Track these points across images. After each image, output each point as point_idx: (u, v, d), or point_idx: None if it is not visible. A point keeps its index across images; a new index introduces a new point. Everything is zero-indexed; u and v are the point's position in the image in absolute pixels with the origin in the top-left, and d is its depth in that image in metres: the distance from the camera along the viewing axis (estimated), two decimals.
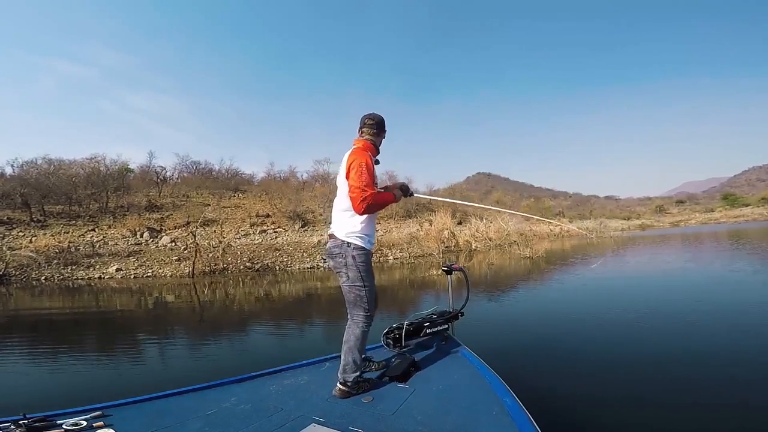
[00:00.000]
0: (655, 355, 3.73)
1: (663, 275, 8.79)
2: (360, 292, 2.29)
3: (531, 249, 14.86)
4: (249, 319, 6.57)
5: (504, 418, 1.76)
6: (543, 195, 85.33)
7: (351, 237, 2.30)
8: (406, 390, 2.20)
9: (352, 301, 2.33)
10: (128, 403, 2.09)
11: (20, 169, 20.84)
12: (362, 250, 2.30)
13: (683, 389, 2.96)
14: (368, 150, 2.37)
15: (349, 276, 2.30)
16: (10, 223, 17.68)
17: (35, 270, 12.11)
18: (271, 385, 2.36)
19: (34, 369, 4.29)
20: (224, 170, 32.58)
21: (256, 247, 16.29)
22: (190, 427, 1.85)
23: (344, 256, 2.30)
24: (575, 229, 25.79)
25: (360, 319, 2.31)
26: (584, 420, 2.61)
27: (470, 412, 1.88)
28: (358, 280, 2.29)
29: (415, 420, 1.83)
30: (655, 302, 5.88)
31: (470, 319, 5.24)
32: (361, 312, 2.31)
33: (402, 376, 2.36)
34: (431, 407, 1.96)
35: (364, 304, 2.30)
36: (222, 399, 2.17)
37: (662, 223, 45.57)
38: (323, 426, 1.79)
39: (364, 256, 2.31)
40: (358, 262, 2.28)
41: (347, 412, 1.95)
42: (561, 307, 6.12)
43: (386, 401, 2.06)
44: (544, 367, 3.64)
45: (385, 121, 2.54)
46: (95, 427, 1.78)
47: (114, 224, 19.05)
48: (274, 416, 1.92)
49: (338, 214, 2.40)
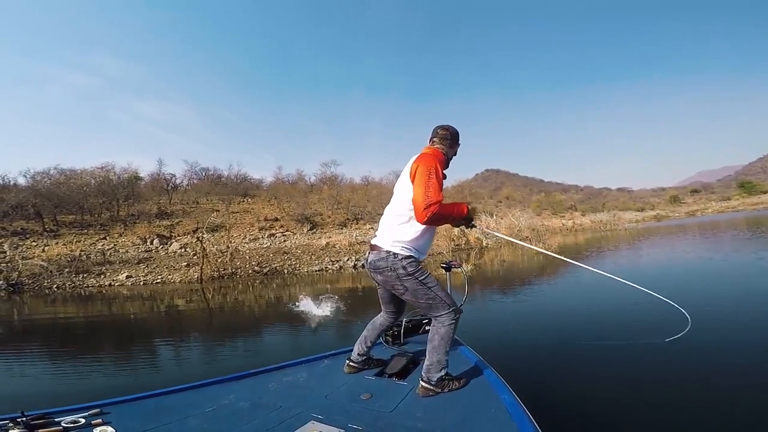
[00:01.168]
0: (658, 353, 3.64)
1: (675, 266, 8.49)
2: (429, 294, 2.10)
3: (544, 244, 14.53)
4: (253, 321, 6.53)
5: (503, 416, 1.74)
6: (553, 189, 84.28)
7: (397, 246, 2.11)
8: (405, 387, 2.18)
9: (426, 306, 2.14)
10: (126, 401, 2.06)
11: (32, 180, 21.11)
12: (411, 258, 2.10)
13: (686, 389, 2.90)
14: (438, 158, 2.17)
15: (407, 287, 2.11)
16: (23, 233, 17.93)
17: (47, 279, 12.20)
18: (270, 383, 2.34)
19: (35, 369, 4.30)
20: (233, 176, 32.78)
21: (264, 251, 16.26)
22: (189, 424, 1.83)
23: (393, 269, 2.10)
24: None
25: (445, 318, 2.11)
26: (584, 418, 2.58)
27: (469, 409, 1.87)
28: (419, 286, 2.09)
29: (414, 417, 1.81)
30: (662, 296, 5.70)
31: (471, 317, 5.06)
32: (442, 311, 2.11)
33: (401, 373, 2.34)
34: (430, 404, 1.95)
35: (442, 302, 2.11)
36: (221, 396, 2.15)
37: (678, 214, 44.65)
38: (322, 423, 1.77)
39: (416, 264, 2.11)
40: (410, 271, 2.08)
41: (346, 409, 1.94)
42: (564, 304, 6.00)
43: (385, 398, 2.04)
44: (544, 364, 3.61)
45: (459, 134, 2.34)
46: (93, 425, 1.76)
47: (124, 232, 19.21)
48: (273, 413, 1.90)
49: (389, 219, 2.20)
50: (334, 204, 25.76)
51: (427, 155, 2.14)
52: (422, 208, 1.95)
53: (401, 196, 2.14)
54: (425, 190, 1.96)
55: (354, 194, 28.63)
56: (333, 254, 15.49)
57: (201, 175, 32.31)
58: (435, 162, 2.07)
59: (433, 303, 2.12)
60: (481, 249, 17.62)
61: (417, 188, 2.00)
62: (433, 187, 1.97)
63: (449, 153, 2.30)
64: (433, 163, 2.05)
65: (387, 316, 2.51)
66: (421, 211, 1.96)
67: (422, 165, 2.04)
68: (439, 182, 2.03)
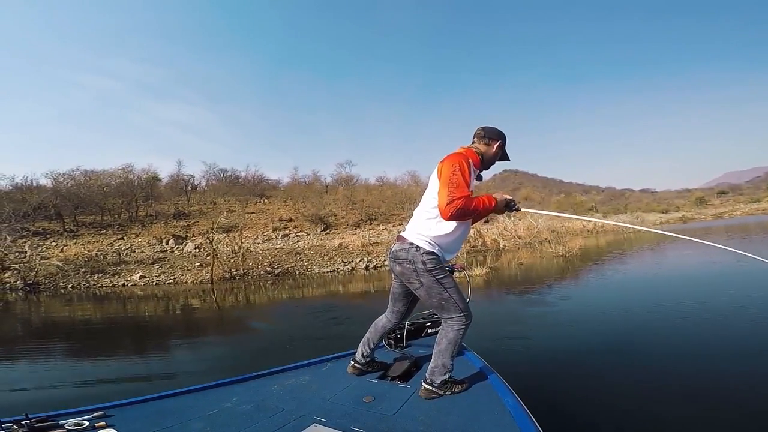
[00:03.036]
0: (663, 356, 3.62)
1: (691, 272, 8.17)
2: (443, 294, 2.09)
3: (564, 246, 13.97)
4: (258, 322, 6.42)
5: (506, 419, 1.73)
6: (574, 190, 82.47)
7: (421, 240, 2.11)
8: (408, 390, 2.18)
9: (438, 306, 2.13)
10: (130, 404, 2.08)
11: (55, 181, 21.58)
12: (433, 255, 2.09)
13: (691, 393, 2.87)
14: (469, 156, 2.16)
15: (422, 282, 2.10)
16: (44, 233, 18.32)
17: (62, 279, 12.32)
18: (272, 386, 2.35)
19: (40, 370, 4.30)
20: (250, 177, 33.07)
21: (277, 251, 16.17)
22: (192, 427, 1.83)
23: (412, 261, 2.09)
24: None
25: (454, 322, 2.11)
26: (588, 422, 2.58)
27: (472, 412, 1.86)
28: (435, 284, 2.09)
29: (417, 420, 1.81)
30: (670, 301, 5.56)
31: (479, 320, 5.16)
32: (453, 314, 2.10)
33: (403, 376, 2.34)
34: (433, 407, 1.95)
35: (454, 305, 2.09)
36: (223, 399, 2.15)
37: (704, 216, 43.02)
38: (324, 426, 1.77)
39: (436, 261, 2.09)
40: (429, 267, 2.07)
41: (349, 412, 1.93)
42: (569, 306, 5.98)
43: (388, 401, 2.04)
44: (546, 367, 3.58)
45: (503, 134, 2.30)
46: (97, 427, 1.77)
47: (141, 232, 19.44)
48: (276, 416, 1.90)
49: (418, 215, 2.21)
50: (349, 205, 25.62)
51: (454, 154, 2.15)
52: (445, 204, 1.96)
53: (429, 195, 2.16)
54: (448, 187, 1.97)
55: (368, 195, 28.48)
56: (345, 255, 15.29)
57: (219, 176, 32.73)
58: (460, 159, 2.07)
59: (445, 304, 2.10)
60: (497, 251, 17.16)
61: (441, 186, 2.02)
62: (458, 182, 1.98)
63: (486, 152, 2.27)
64: (458, 160, 2.06)
65: (391, 317, 2.48)
66: (444, 206, 1.97)
67: (447, 163, 2.06)
68: (465, 178, 2.02)
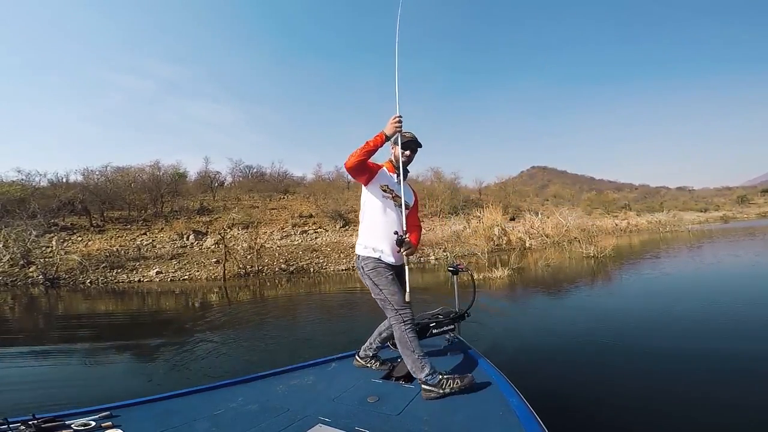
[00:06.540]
0: (669, 357, 3.60)
1: (734, 275, 7.83)
2: (379, 295, 2.29)
3: (595, 246, 13.04)
4: (262, 321, 6.15)
5: (511, 419, 1.73)
6: (605, 187, 79.30)
7: (359, 247, 2.40)
8: (412, 390, 2.19)
9: (381, 306, 2.33)
10: (136, 404, 2.09)
11: (84, 177, 22.12)
12: (368, 258, 2.33)
13: (696, 393, 2.86)
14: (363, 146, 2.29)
15: (368, 285, 2.35)
16: (72, 228, 18.75)
17: (81, 274, 12.42)
18: (277, 386, 2.37)
19: (48, 369, 4.27)
20: (275, 173, 33.24)
21: (294, 248, 15.92)
22: (198, 427, 1.85)
23: (358, 267, 2.41)
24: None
25: (393, 322, 2.26)
26: (593, 422, 2.58)
27: (476, 412, 1.87)
28: (372, 285, 2.31)
29: (421, 420, 1.82)
30: (707, 308, 5.32)
31: (482, 320, 5.14)
32: (390, 314, 2.28)
33: (407, 376, 2.35)
34: (437, 407, 1.96)
35: (390, 305, 2.26)
36: (229, 399, 2.17)
37: (747, 215, 40.33)
38: (329, 426, 1.78)
39: (373, 263, 2.32)
40: (367, 271, 2.32)
41: (353, 412, 1.94)
42: (579, 308, 5.90)
43: (392, 401, 2.05)
44: (551, 367, 3.57)
45: (412, 138, 2.44)
46: (104, 428, 1.79)
47: (164, 228, 19.64)
48: (281, 416, 1.93)
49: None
50: None
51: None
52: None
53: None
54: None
55: None
56: None
57: (245, 172, 33.08)
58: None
59: (383, 304, 2.29)
60: (523, 249, 16.33)
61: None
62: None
63: (392, 153, 2.51)
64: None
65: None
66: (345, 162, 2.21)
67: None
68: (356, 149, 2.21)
